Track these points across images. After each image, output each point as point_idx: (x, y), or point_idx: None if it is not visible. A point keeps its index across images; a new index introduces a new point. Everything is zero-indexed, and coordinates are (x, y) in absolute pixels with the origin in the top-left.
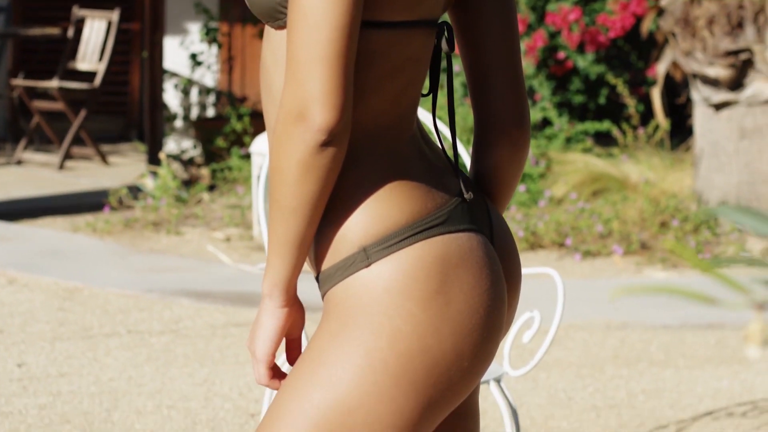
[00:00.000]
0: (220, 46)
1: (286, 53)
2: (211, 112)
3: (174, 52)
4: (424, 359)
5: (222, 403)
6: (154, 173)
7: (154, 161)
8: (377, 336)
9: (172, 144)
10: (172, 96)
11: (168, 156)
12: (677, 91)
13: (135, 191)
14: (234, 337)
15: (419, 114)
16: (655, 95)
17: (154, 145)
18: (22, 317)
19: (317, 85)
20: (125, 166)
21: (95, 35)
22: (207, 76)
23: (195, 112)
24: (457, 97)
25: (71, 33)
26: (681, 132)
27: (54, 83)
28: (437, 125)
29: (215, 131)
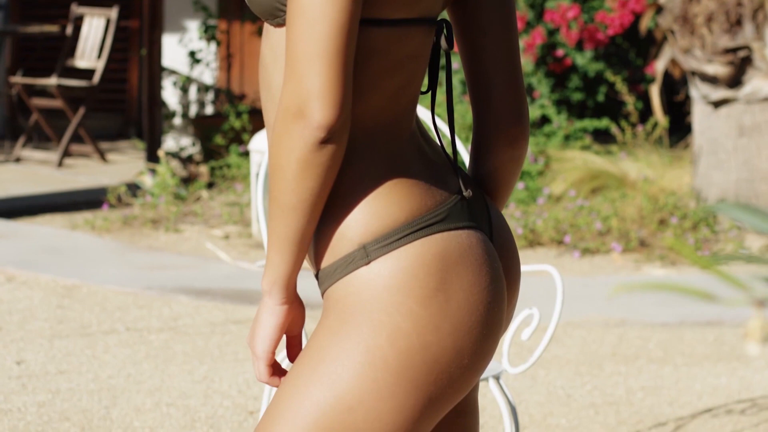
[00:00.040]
0: (218, 43)
1: (285, 51)
2: (210, 109)
3: (173, 49)
4: (424, 356)
5: (221, 401)
6: (152, 171)
7: (152, 159)
8: (377, 333)
9: (170, 141)
10: (170, 93)
11: (167, 153)
12: (676, 89)
13: (134, 189)
14: (233, 335)
15: (418, 111)
16: (654, 93)
17: (152, 143)
18: (20, 315)
19: (316, 83)
20: (124, 163)
21: (94, 33)
22: (206, 73)
23: (194, 109)
24: (456, 95)
25: (70, 30)
26: (680, 129)
27: (53, 81)
28: (436, 122)
29: (214, 129)
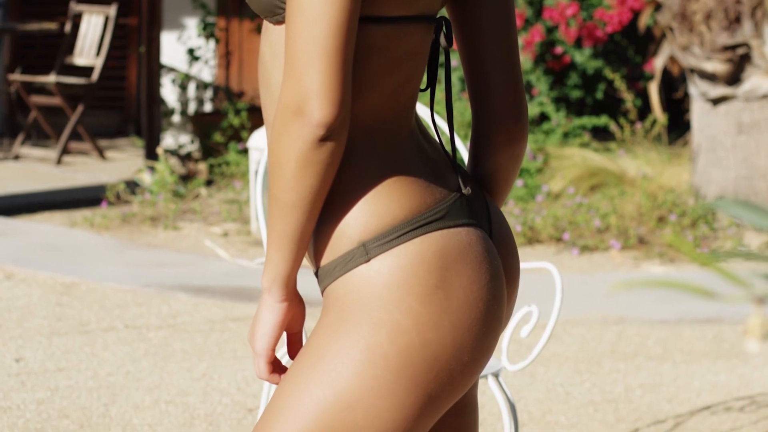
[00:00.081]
0: (217, 41)
1: (284, 48)
2: (209, 107)
3: (171, 47)
4: (424, 354)
5: (220, 398)
6: (151, 168)
7: (151, 156)
8: (377, 331)
9: (169, 139)
10: (169, 91)
11: (165, 151)
12: (675, 86)
13: (132, 186)
14: (232, 332)
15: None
16: (653, 90)
17: (151, 140)
18: (19, 312)
19: (315, 80)
20: (123, 161)
21: (93, 30)
22: (204, 71)
23: (192, 107)
24: (455, 92)
25: (68, 28)
26: (678, 127)
27: (51, 78)
28: (435, 120)
29: (213, 126)
